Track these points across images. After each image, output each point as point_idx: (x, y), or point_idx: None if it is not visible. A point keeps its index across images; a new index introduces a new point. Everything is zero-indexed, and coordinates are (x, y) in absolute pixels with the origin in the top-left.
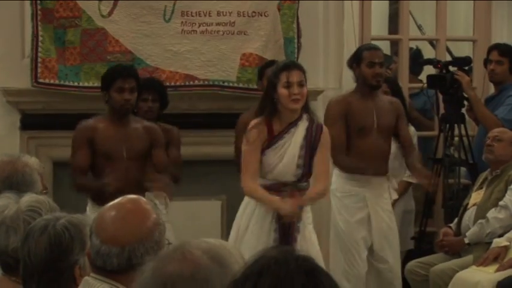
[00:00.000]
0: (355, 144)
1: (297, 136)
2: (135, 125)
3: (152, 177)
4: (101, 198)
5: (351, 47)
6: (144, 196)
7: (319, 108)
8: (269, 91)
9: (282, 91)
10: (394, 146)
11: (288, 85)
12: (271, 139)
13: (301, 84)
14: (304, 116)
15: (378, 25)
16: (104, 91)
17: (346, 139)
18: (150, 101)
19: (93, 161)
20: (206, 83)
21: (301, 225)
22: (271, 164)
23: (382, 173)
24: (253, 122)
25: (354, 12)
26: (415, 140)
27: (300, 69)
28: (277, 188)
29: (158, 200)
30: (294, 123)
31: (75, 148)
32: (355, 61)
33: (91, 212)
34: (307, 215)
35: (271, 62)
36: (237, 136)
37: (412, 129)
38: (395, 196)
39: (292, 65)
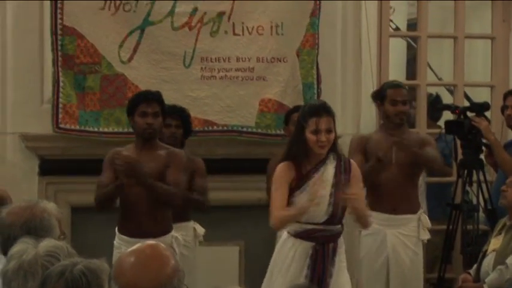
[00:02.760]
0: (374, 180)
1: (327, 174)
2: (160, 151)
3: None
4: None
5: (368, 93)
6: (157, 219)
7: None
8: (297, 132)
9: (310, 137)
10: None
11: (316, 132)
12: (300, 179)
13: (329, 131)
14: (331, 155)
15: (396, 70)
16: (129, 116)
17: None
18: (173, 127)
19: None
20: (225, 128)
21: (335, 269)
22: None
23: (407, 211)
24: (280, 164)
25: (371, 57)
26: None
27: (330, 114)
28: (309, 234)
29: (183, 231)
30: (322, 162)
31: (102, 171)
32: (378, 98)
33: (119, 244)
34: (341, 257)
35: (297, 108)
36: (269, 179)
37: None
38: (424, 236)
39: (322, 111)
